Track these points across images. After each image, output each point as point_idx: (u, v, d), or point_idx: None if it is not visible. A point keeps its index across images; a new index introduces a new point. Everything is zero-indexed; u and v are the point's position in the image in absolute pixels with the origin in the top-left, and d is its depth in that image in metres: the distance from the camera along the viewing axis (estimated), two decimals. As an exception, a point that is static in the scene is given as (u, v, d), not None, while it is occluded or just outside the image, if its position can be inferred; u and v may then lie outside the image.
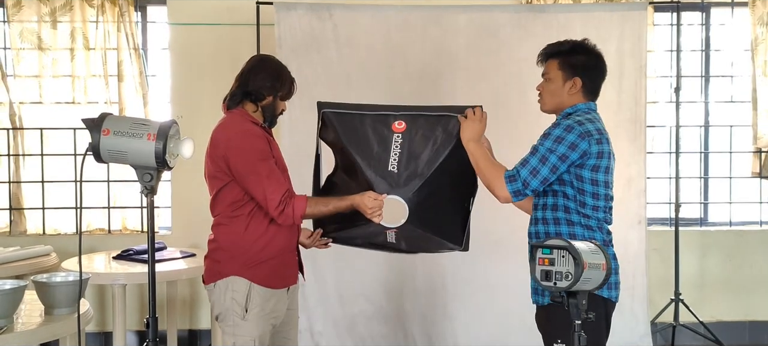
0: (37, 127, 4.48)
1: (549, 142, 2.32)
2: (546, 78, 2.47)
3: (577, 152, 2.30)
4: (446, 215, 2.61)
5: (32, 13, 4.41)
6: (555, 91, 2.44)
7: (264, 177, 2.45)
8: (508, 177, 2.35)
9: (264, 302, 2.52)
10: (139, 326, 4.52)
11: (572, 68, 2.41)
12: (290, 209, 2.46)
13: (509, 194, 2.35)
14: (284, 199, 2.45)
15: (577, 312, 1.82)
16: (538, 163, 2.32)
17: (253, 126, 2.54)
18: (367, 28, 4.05)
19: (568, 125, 2.33)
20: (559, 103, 2.44)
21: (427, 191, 2.47)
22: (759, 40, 4.52)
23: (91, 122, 1.83)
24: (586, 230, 2.37)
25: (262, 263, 2.52)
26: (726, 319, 4.68)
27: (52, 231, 4.52)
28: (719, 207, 4.85)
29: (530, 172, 2.32)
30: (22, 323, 2.67)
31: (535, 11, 4.24)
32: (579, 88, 2.42)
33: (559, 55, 2.44)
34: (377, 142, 2.53)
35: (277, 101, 2.61)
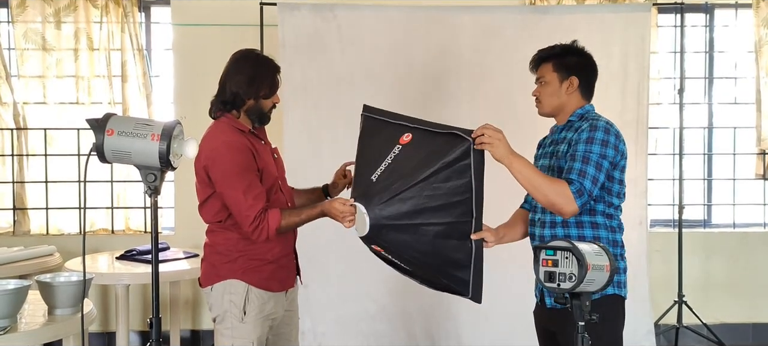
0: (41, 128, 4.48)
1: (598, 148, 2.29)
2: (542, 82, 2.48)
3: (618, 153, 2.34)
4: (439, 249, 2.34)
5: (36, 13, 4.42)
6: (553, 92, 2.45)
7: (240, 193, 2.40)
8: (577, 192, 2.24)
9: (262, 305, 2.51)
10: (142, 327, 4.53)
11: (567, 68, 2.44)
12: (264, 224, 2.40)
13: (578, 207, 2.25)
14: (258, 216, 2.39)
15: (580, 314, 1.81)
16: (596, 172, 2.27)
17: (235, 136, 2.46)
18: (371, 28, 4.05)
19: (606, 127, 2.34)
20: (558, 105, 2.46)
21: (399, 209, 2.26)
22: (763, 41, 4.51)
23: (95, 122, 1.83)
24: (610, 232, 2.38)
25: (260, 267, 2.51)
26: (729, 321, 4.67)
27: (55, 231, 4.53)
28: (723, 209, 4.85)
29: (592, 182, 2.26)
30: (26, 323, 2.67)
31: (539, 12, 4.24)
32: (576, 87, 2.45)
33: (552, 57, 2.47)
34: (381, 150, 2.42)
35: (260, 102, 2.52)
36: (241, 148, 2.45)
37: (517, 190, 2.56)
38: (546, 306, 2.45)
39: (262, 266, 2.51)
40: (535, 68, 2.52)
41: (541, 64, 2.49)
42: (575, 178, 2.26)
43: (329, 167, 2.86)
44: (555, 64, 2.46)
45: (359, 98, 4.04)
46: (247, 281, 2.49)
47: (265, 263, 2.51)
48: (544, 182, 2.26)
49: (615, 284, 2.35)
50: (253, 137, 2.54)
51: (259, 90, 2.51)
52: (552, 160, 2.46)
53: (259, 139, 2.58)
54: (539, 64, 2.50)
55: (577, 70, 2.45)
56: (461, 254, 2.33)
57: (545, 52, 2.50)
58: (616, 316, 2.36)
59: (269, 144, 2.67)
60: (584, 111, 2.45)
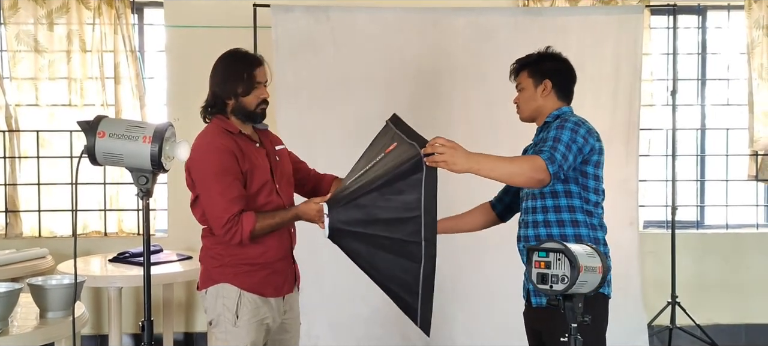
0: (33, 130, 4.47)
1: (567, 133, 2.36)
2: (519, 89, 2.60)
3: (588, 146, 2.39)
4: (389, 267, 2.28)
5: (28, 15, 4.40)
6: (529, 97, 2.56)
7: (216, 195, 2.38)
8: (548, 158, 2.27)
9: (255, 309, 2.49)
10: (135, 329, 4.51)
11: (541, 73, 2.54)
12: (237, 227, 2.37)
13: (550, 175, 2.26)
14: (231, 219, 2.36)
15: (573, 315, 1.82)
16: (566, 150, 2.33)
17: (218, 138, 2.43)
18: (365, 30, 4.05)
19: (576, 121, 2.42)
20: (535, 109, 2.56)
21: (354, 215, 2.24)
22: (755, 43, 4.53)
23: (86, 125, 1.82)
24: (591, 229, 2.43)
25: (252, 271, 2.48)
26: (723, 322, 4.68)
27: (47, 233, 4.51)
28: (716, 210, 4.86)
29: (563, 156, 2.30)
30: (18, 326, 2.66)
31: (532, 14, 4.25)
32: (550, 90, 2.53)
33: (528, 65, 2.57)
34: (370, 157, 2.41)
35: (241, 100, 2.47)
36: (221, 149, 2.41)
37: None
38: (532, 306, 2.49)
39: (254, 271, 2.48)
40: (514, 78, 2.63)
41: (519, 73, 2.60)
42: (546, 148, 2.33)
43: (323, 169, 2.86)
44: (530, 70, 2.57)
45: (353, 100, 4.07)
46: (239, 285, 2.47)
47: (258, 268, 2.49)
48: (515, 165, 2.29)
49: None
50: (242, 138, 2.50)
51: (234, 88, 2.46)
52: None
53: (252, 141, 2.54)
54: (517, 74, 2.61)
55: (550, 73, 2.55)
56: (410, 277, 2.24)
57: (522, 61, 2.61)
58: (600, 314, 2.39)
59: (272, 144, 2.61)
60: (560, 112, 2.53)
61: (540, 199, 2.46)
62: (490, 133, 4.09)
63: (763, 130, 4.54)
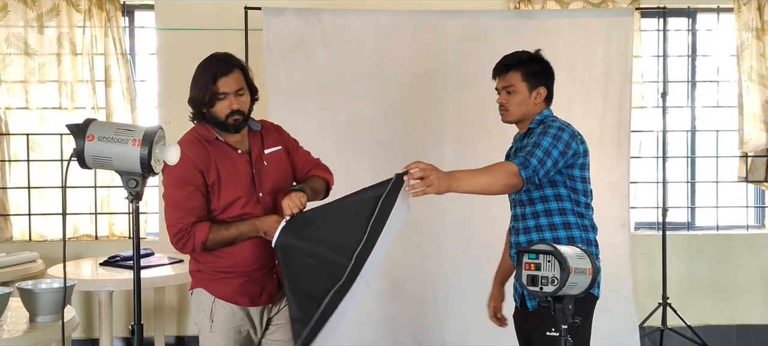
0: (24, 133, 4.45)
1: (549, 139, 2.36)
2: (510, 90, 2.50)
3: (571, 150, 2.39)
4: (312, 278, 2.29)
5: (18, 18, 4.38)
6: (522, 101, 2.49)
7: (169, 206, 2.37)
8: (521, 164, 2.31)
9: (230, 317, 2.44)
10: (127, 333, 4.49)
11: (535, 78, 2.49)
12: (189, 238, 2.34)
13: (523, 180, 2.31)
14: (184, 230, 2.34)
15: (563, 317, 1.82)
16: (544, 156, 2.34)
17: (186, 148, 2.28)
18: (356, 32, 4.05)
19: (560, 126, 2.41)
20: (525, 113, 2.51)
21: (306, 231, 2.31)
22: (744, 45, 4.56)
23: (75, 128, 1.81)
24: (582, 230, 2.45)
25: (226, 279, 2.43)
26: (713, 323, 4.70)
27: (38, 237, 4.49)
28: (706, 211, 4.89)
29: (539, 161, 2.33)
30: (8, 330, 2.65)
31: (523, 17, 4.26)
32: (544, 97, 2.51)
33: (520, 66, 2.49)
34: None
35: (210, 110, 2.40)
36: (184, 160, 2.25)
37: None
38: (528, 309, 2.49)
39: (227, 279, 2.44)
40: (501, 75, 2.53)
41: (509, 71, 2.51)
42: (522, 154, 2.35)
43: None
44: (524, 73, 2.49)
45: (344, 103, 4.07)
46: (212, 292, 2.45)
47: (232, 276, 2.44)
48: (490, 174, 2.31)
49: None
50: (220, 146, 2.43)
51: (200, 98, 2.39)
52: None
53: (232, 149, 2.45)
54: (506, 72, 2.51)
55: (544, 80, 2.51)
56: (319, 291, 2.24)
57: (511, 59, 2.52)
58: (587, 314, 2.41)
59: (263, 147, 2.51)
60: (542, 117, 2.52)
61: (529, 205, 2.46)
62: (481, 136, 4.10)
63: (752, 132, 4.57)
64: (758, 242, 4.78)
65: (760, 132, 4.55)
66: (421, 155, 4.29)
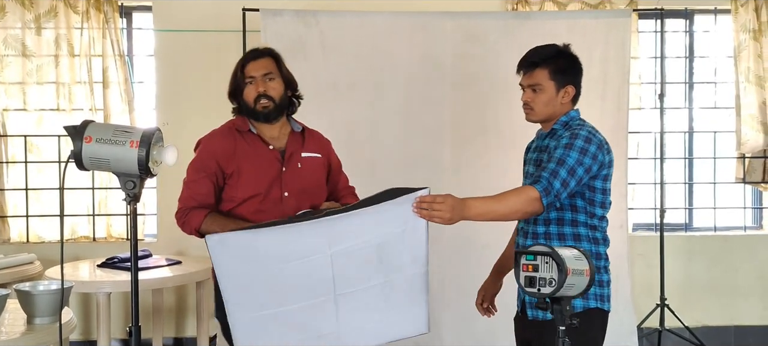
0: (21, 135, 4.44)
1: (576, 154, 2.23)
2: (537, 88, 2.34)
3: (597, 163, 2.27)
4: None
5: (16, 19, 4.38)
6: (549, 100, 2.34)
7: (184, 184, 2.50)
8: (543, 190, 2.19)
9: None
10: (124, 335, 4.49)
11: (563, 76, 2.34)
12: (187, 220, 2.45)
13: (544, 207, 2.20)
14: (182, 211, 2.46)
15: (561, 318, 1.82)
16: (568, 176, 2.22)
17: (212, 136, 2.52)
18: (354, 34, 4.06)
19: (588, 136, 2.28)
20: (551, 113, 2.37)
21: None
22: (742, 46, 4.57)
23: (73, 130, 1.81)
24: (593, 243, 2.34)
25: None
26: (711, 324, 4.71)
27: (35, 239, 4.48)
28: (704, 212, 4.89)
29: (562, 183, 2.21)
30: (5, 332, 2.64)
31: (521, 18, 4.27)
32: (571, 96, 2.37)
33: (547, 62, 2.33)
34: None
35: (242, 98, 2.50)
36: (206, 146, 2.49)
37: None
38: (528, 317, 2.41)
39: None
40: (527, 72, 2.36)
41: (535, 69, 2.33)
42: (545, 175, 2.22)
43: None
44: (551, 71, 2.33)
45: (342, 104, 4.07)
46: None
47: None
48: (507, 202, 2.19)
49: (598, 298, 2.33)
50: (250, 138, 2.49)
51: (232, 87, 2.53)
52: (536, 167, 2.41)
53: (264, 143, 2.48)
54: (532, 69, 2.34)
55: (572, 77, 2.36)
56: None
57: (539, 55, 2.35)
58: (598, 330, 2.34)
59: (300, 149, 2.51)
60: (568, 118, 2.38)
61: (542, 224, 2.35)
62: (478, 137, 4.11)
63: (750, 133, 4.57)
64: (756, 242, 4.79)
65: (757, 133, 4.56)
66: (418, 156, 4.31)
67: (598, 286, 2.33)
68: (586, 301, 2.30)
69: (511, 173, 4.13)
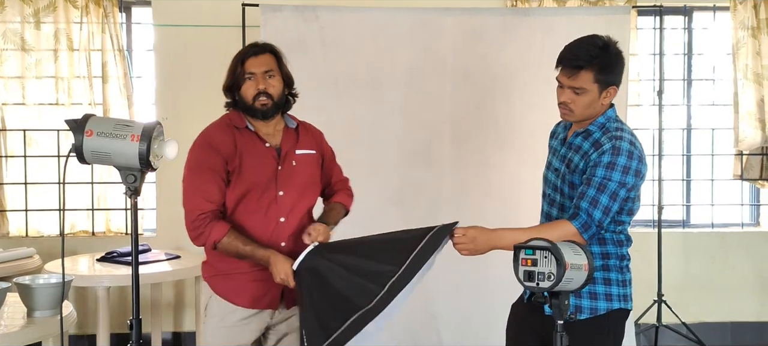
0: (20, 129, 4.44)
1: (618, 175, 2.14)
2: (578, 91, 2.19)
3: (640, 178, 2.22)
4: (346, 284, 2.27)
5: (15, 13, 4.37)
6: (591, 102, 2.20)
7: (189, 190, 2.33)
8: (583, 225, 2.14)
9: (224, 315, 2.40)
10: (123, 329, 4.48)
11: (608, 76, 2.19)
12: (206, 230, 2.29)
13: (585, 240, 2.16)
14: (200, 218, 2.29)
15: (559, 312, 1.83)
16: (610, 202, 2.14)
17: (209, 132, 2.39)
18: (354, 30, 4.06)
19: (629, 150, 2.17)
20: (591, 114, 2.25)
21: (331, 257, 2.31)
22: (740, 44, 4.58)
23: (74, 123, 1.82)
24: (617, 246, 2.31)
25: (225, 275, 2.40)
26: (708, 320, 4.72)
27: (34, 233, 4.49)
28: (701, 209, 4.91)
29: (603, 212, 2.14)
30: (5, 325, 2.65)
31: (520, 14, 4.27)
32: (613, 97, 2.24)
33: (593, 63, 2.16)
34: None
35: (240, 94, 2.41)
36: (204, 144, 2.37)
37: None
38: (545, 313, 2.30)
39: (229, 276, 2.40)
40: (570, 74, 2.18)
41: (580, 71, 2.16)
42: (585, 207, 2.15)
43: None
44: (597, 71, 2.16)
45: (342, 100, 4.07)
46: (211, 286, 2.44)
47: (234, 273, 2.39)
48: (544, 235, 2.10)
49: (621, 298, 2.32)
50: (247, 134, 2.41)
51: (230, 82, 2.42)
52: (564, 166, 2.32)
53: (260, 139, 2.42)
54: (577, 72, 2.17)
55: (616, 76, 2.22)
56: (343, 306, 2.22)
57: (585, 57, 2.16)
58: (622, 329, 2.36)
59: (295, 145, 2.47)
60: (605, 119, 2.25)
61: (558, 210, 2.33)
62: (478, 133, 4.12)
63: (748, 130, 4.59)
64: (753, 239, 4.81)
65: (755, 130, 4.57)
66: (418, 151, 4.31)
67: (622, 286, 2.32)
68: (610, 302, 2.30)
69: (510, 168, 4.17)
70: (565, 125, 2.40)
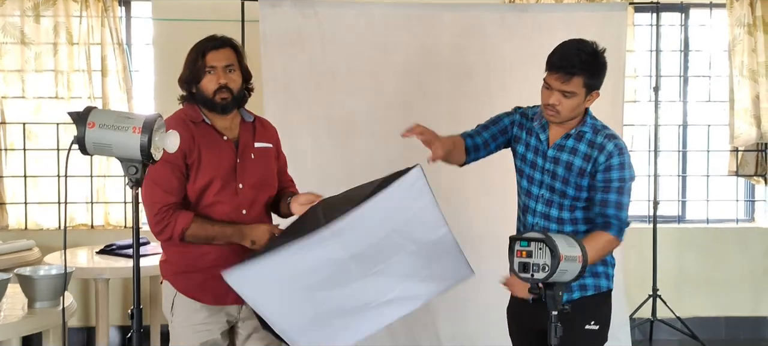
0: (20, 122, 4.46)
1: (628, 172, 2.34)
2: (568, 95, 2.27)
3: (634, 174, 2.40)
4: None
5: (15, 7, 4.39)
6: (577, 105, 2.31)
7: (149, 183, 2.27)
8: (618, 232, 2.33)
9: (190, 314, 2.38)
10: (122, 322, 4.52)
11: (594, 81, 2.30)
12: (171, 222, 2.27)
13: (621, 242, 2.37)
14: (163, 211, 2.28)
15: (553, 303, 1.86)
16: (629, 198, 2.35)
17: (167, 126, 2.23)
18: (352, 25, 4.07)
19: (622, 147, 2.35)
20: (576, 115, 2.36)
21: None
22: (736, 41, 4.60)
23: (76, 115, 1.84)
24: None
25: (189, 273, 2.36)
26: (702, 314, 4.76)
27: (34, 226, 4.51)
28: (697, 205, 4.94)
29: (627, 209, 2.34)
30: (5, 315, 2.67)
31: (518, 10, 4.29)
32: (594, 100, 2.35)
33: (584, 70, 2.25)
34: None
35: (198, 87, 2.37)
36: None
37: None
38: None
39: (192, 273, 2.36)
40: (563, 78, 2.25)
41: (573, 76, 2.25)
42: (614, 213, 2.31)
43: (310, 165, 2.84)
44: (587, 77, 2.27)
45: (340, 95, 4.09)
46: (174, 285, 2.41)
47: (196, 271, 2.36)
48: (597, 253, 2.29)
49: (609, 278, 2.47)
50: (204, 128, 2.37)
51: (189, 75, 2.38)
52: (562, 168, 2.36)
53: (218, 133, 2.39)
54: (570, 77, 2.24)
55: (600, 81, 2.32)
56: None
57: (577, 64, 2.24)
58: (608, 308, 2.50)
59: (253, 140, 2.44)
60: (591, 119, 2.39)
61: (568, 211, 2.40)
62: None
63: (743, 127, 4.62)
64: (747, 235, 4.85)
65: (750, 127, 4.60)
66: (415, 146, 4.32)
67: (611, 267, 2.47)
68: (597, 279, 2.42)
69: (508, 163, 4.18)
70: (542, 124, 2.45)
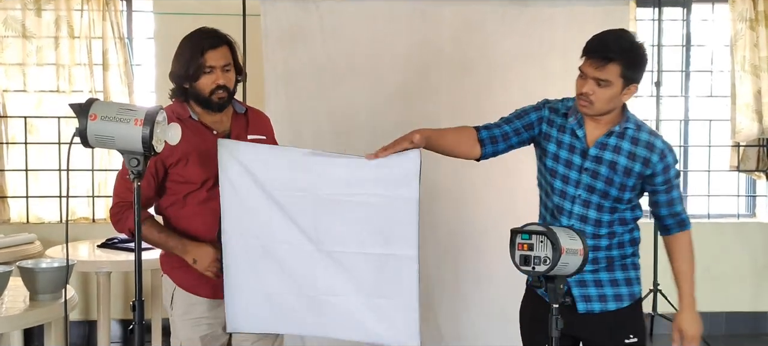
0: (21, 116, 4.46)
1: (679, 180, 2.41)
2: (603, 83, 2.15)
3: None
4: None
5: (16, 1, 4.39)
6: (612, 98, 2.18)
7: (118, 178, 2.33)
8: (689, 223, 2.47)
9: (189, 308, 2.38)
10: (124, 315, 4.53)
11: (633, 73, 2.18)
12: (122, 217, 2.30)
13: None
14: (119, 206, 2.31)
15: (554, 296, 1.86)
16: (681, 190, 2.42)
17: None
18: (353, 20, 4.07)
19: (668, 143, 2.36)
20: (612, 109, 2.23)
21: None
22: (738, 36, 4.60)
23: (78, 107, 1.84)
24: (637, 230, 2.48)
25: (187, 267, 2.33)
26: (703, 309, 4.63)
27: (35, 220, 4.51)
28: (698, 200, 4.94)
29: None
30: (7, 308, 2.68)
31: (520, 5, 4.28)
32: (631, 95, 2.23)
33: (622, 58, 2.14)
34: None
35: (193, 85, 2.34)
36: None
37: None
38: (578, 311, 2.31)
39: (189, 268, 2.33)
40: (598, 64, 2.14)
41: (609, 63, 2.13)
42: (680, 209, 2.43)
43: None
44: (624, 66, 2.14)
45: (341, 90, 4.09)
46: (173, 279, 2.41)
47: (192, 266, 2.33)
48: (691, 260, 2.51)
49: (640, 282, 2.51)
50: (193, 125, 2.34)
51: (184, 71, 2.34)
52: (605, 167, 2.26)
53: (207, 129, 2.36)
54: (605, 63, 2.13)
55: (640, 74, 2.21)
56: None
57: (615, 49, 2.13)
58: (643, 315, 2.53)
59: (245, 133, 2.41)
60: (632, 116, 2.31)
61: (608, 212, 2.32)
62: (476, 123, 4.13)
63: (744, 122, 4.62)
64: (748, 230, 4.85)
65: (752, 122, 4.60)
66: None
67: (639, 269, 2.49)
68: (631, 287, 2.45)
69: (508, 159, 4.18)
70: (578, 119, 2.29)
